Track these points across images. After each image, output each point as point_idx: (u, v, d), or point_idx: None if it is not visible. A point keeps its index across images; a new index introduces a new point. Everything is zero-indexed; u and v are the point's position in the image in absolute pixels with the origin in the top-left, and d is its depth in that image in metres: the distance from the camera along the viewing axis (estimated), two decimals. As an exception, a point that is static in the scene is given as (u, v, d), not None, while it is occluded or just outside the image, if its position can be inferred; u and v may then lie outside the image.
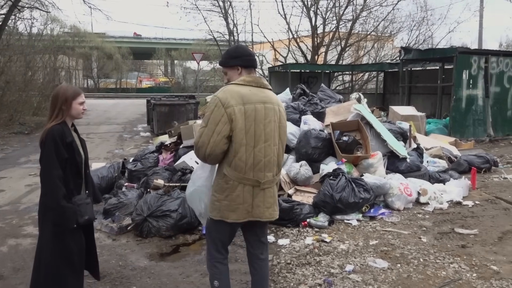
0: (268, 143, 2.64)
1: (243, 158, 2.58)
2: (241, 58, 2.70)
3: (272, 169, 2.69)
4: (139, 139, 13.03)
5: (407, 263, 3.84)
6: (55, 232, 2.74)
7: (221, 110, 2.52)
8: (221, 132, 2.52)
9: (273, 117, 2.67)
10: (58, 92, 2.82)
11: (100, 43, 42.51)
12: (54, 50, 22.73)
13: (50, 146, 2.68)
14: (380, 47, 24.43)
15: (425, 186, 5.72)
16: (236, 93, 2.56)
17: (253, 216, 2.66)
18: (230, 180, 2.61)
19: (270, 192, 2.72)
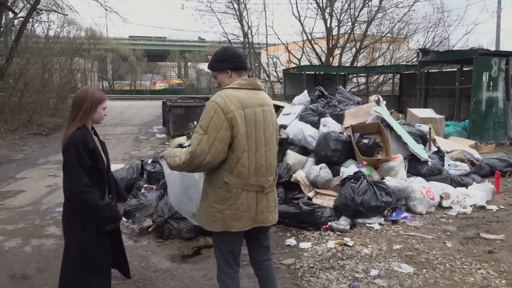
0: (268, 147, 2.61)
1: (246, 164, 2.50)
2: (230, 61, 2.59)
3: (272, 173, 2.67)
4: (155, 140, 13.11)
5: (433, 268, 3.77)
6: (81, 241, 2.67)
7: (221, 116, 2.41)
8: (223, 140, 2.42)
9: (270, 120, 2.63)
10: (86, 94, 2.75)
11: (115, 45, 42.96)
12: (71, 53, 23.01)
13: (72, 154, 2.60)
14: (395, 49, 24.21)
15: (448, 190, 5.63)
16: (234, 98, 2.47)
17: (257, 223, 2.60)
18: (233, 188, 2.51)
19: (272, 196, 2.69)
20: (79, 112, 2.71)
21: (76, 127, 2.67)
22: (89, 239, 2.68)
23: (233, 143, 2.47)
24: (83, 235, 2.66)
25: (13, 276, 3.82)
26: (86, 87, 3.01)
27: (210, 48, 37.34)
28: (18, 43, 15.72)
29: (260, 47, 26.01)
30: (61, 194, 6.94)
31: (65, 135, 2.69)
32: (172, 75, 62.07)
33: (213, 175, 2.55)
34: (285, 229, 4.89)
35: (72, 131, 2.64)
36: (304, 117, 6.58)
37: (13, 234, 4.94)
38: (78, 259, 2.70)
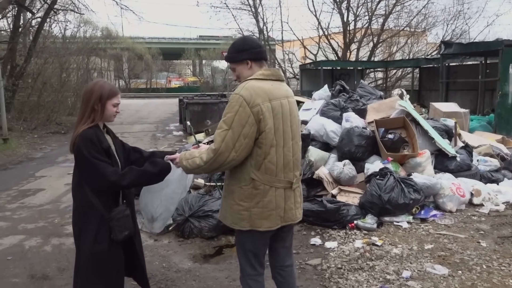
0: (295, 140, 2.46)
1: (274, 159, 2.35)
2: (249, 51, 2.42)
3: (299, 167, 2.53)
4: (172, 138, 13.05)
5: (469, 269, 3.57)
6: (93, 251, 2.45)
7: (247, 110, 2.25)
8: (249, 135, 2.26)
9: (295, 112, 2.49)
10: (93, 88, 2.47)
11: (131, 44, 43.16)
12: (87, 52, 23.15)
13: (88, 149, 2.36)
14: (413, 43, 23.71)
15: (478, 187, 5.38)
16: (260, 89, 2.31)
17: (286, 221, 2.45)
18: (261, 185, 2.35)
19: (299, 191, 2.55)
20: (86, 108, 2.46)
21: (87, 126, 2.44)
22: (101, 249, 2.45)
23: (259, 138, 2.31)
24: (95, 245, 2.44)
25: (34, 276, 3.75)
26: (96, 79, 2.71)
27: (225, 46, 37.20)
28: (36, 43, 15.83)
29: (275, 43, 25.79)
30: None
31: (73, 134, 2.46)
32: (187, 73, 62.24)
33: (238, 171, 2.39)
34: (309, 228, 4.72)
35: (83, 129, 2.42)
36: (325, 112, 6.39)
37: (34, 233, 4.89)
38: (88, 269, 2.48)
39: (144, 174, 2.50)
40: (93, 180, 2.40)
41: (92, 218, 2.44)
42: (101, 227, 2.45)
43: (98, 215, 2.44)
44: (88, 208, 2.44)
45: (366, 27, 21.09)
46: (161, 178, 2.59)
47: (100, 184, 2.40)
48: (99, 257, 2.46)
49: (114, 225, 2.45)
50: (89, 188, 2.42)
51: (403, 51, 23.27)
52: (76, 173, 2.50)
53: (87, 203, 2.43)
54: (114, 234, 2.46)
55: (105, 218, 2.44)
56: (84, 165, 2.40)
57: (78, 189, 2.49)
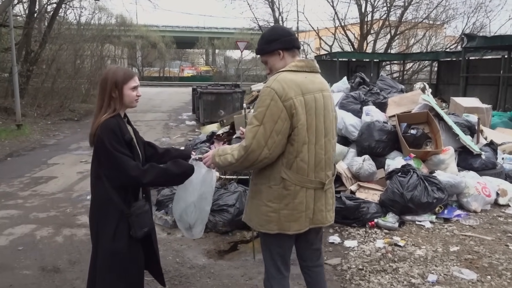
0: (328, 138, 2.28)
1: (305, 158, 2.19)
2: (280, 40, 2.26)
3: (331, 167, 2.36)
4: (185, 127, 12.94)
5: (498, 275, 3.38)
6: (112, 250, 2.33)
7: (279, 104, 2.10)
8: (282, 131, 2.12)
9: (330, 106, 2.30)
10: (107, 76, 2.33)
11: (144, 32, 43.08)
12: (101, 39, 23.09)
13: (111, 141, 2.22)
14: (431, 36, 23.22)
15: (504, 186, 5.16)
16: (293, 82, 2.15)
17: (315, 223, 2.30)
18: (292, 185, 2.19)
19: (331, 192, 2.38)
20: (104, 97, 2.32)
21: (109, 115, 2.29)
22: (120, 247, 2.33)
23: (292, 134, 2.15)
24: (114, 243, 2.32)
25: (44, 269, 3.65)
26: (109, 66, 2.54)
27: (239, 35, 36.92)
28: (51, 29, 15.78)
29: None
30: (93, 181, 6.79)
31: (93, 125, 2.32)
32: (200, 62, 62.03)
33: (268, 169, 2.22)
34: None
35: (105, 119, 2.27)
36: (344, 105, 6.18)
37: (45, 222, 4.81)
38: (107, 269, 2.37)
39: (166, 174, 2.37)
40: (113, 174, 2.27)
41: (111, 214, 2.32)
42: (120, 223, 2.32)
43: (117, 210, 2.31)
44: (107, 202, 2.31)
45: (384, 19, 20.67)
46: (182, 180, 2.48)
47: (120, 179, 2.27)
48: (118, 256, 2.34)
49: (134, 221, 2.33)
50: (109, 181, 2.29)
51: (420, 44, 22.82)
52: (95, 165, 2.36)
53: (106, 197, 2.30)
54: (134, 231, 2.34)
55: (124, 214, 2.32)
56: (105, 157, 2.26)
57: (97, 182, 2.36)
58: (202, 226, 2.80)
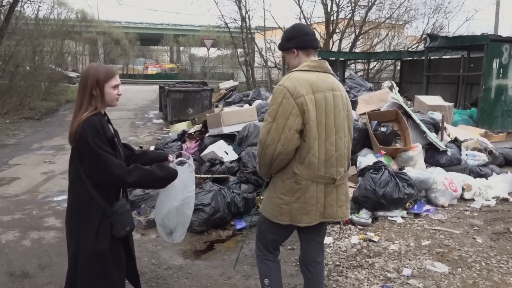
0: (339, 135, 2.37)
1: (316, 153, 2.29)
2: (296, 39, 2.38)
3: (343, 164, 2.43)
4: (152, 126, 12.70)
5: (468, 267, 3.51)
6: (94, 249, 2.28)
7: (291, 101, 2.22)
8: (293, 126, 2.23)
9: (341, 106, 2.39)
10: (88, 74, 2.29)
11: (107, 28, 41.99)
12: (62, 35, 22.31)
13: (93, 139, 2.17)
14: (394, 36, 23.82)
15: (469, 181, 5.37)
16: (305, 81, 2.27)
17: (325, 217, 2.39)
18: (303, 180, 2.30)
19: (343, 189, 2.45)
20: (84, 95, 2.28)
21: (90, 113, 2.24)
22: (103, 246, 2.30)
23: (304, 130, 2.26)
24: (96, 243, 2.28)
25: (13, 274, 3.49)
26: (91, 64, 2.53)
27: (205, 33, 36.59)
28: (8, 24, 15.05)
29: (256, 31, 25.48)
30: (58, 182, 6.59)
31: (73, 123, 2.25)
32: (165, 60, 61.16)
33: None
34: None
35: (86, 116, 2.22)
36: (316, 103, 6.24)
37: (10, 226, 4.59)
38: (89, 269, 2.31)
39: (150, 175, 2.36)
40: (96, 172, 2.23)
41: (93, 213, 2.27)
42: (102, 223, 2.28)
43: (99, 210, 2.27)
44: (88, 202, 2.26)
45: (348, 18, 21.02)
46: (165, 184, 2.49)
47: (104, 177, 2.23)
48: (100, 255, 2.29)
49: (116, 221, 2.30)
50: (90, 181, 2.24)
51: (384, 43, 23.36)
52: (75, 165, 2.29)
53: (88, 197, 2.25)
54: (116, 230, 2.31)
55: (106, 213, 2.28)
56: (88, 155, 2.21)
57: (77, 182, 2.29)
58: (183, 230, 2.80)
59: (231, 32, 23.01)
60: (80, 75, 2.36)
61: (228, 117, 5.99)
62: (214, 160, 5.26)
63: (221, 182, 4.97)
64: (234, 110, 6.93)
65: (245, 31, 21.71)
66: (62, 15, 25.85)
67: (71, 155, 2.33)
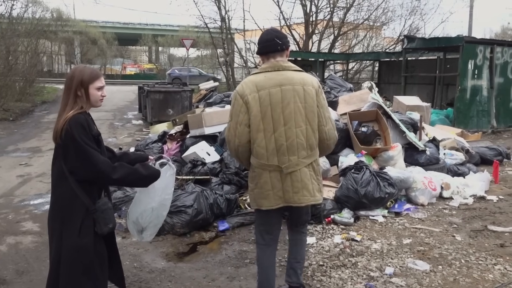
0: (288, 126, 2.55)
1: (262, 144, 2.55)
2: (259, 46, 2.66)
3: (296, 152, 2.57)
4: (132, 127, 12.54)
5: (448, 264, 3.57)
6: (77, 244, 2.32)
7: (239, 101, 2.56)
8: (242, 122, 2.55)
9: (293, 98, 2.55)
10: (74, 74, 2.38)
11: (83, 27, 41.26)
12: (36, 34, 21.77)
13: (80, 135, 2.24)
14: (372, 37, 24.15)
15: (447, 180, 5.48)
16: (251, 82, 2.58)
17: (286, 202, 2.62)
18: (256, 168, 2.62)
19: (296, 176, 2.58)
20: (69, 95, 2.35)
21: (76, 111, 2.30)
22: (86, 242, 2.34)
23: (249, 123, 2.55)
24: (80, 238, 2.32)
25: (-11, 281, 3.38)
26: (76, 65, 2.65)
27: (184, 33, 36.39)
28: (-20, 22, 14.66)
29: (236, 31, 25.43)
30: (35, 185, 6.43)
31: (58, 121, 2.32)
32: (143, 60, 60.50)
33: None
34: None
35: (73, 114, 2.28)
36: (297, 104, 6.27)
37: (-15, 231, 4.45)
38: (72, 264, 2.35)
39: (134, 174, 2.42)
40: (81, 168, 2.28)
41: (76, 210, 2.33)
42: (85, 220, 2.34)
43: (82, 207, 2.33)
44: (72, 200, 2.32)
45: (327, 19, 21.20)
46: (149, 183, 2.56)
47: (89, 173, 2.30)
48: (84, 251, 2.34)
49: (99, 217, 2.36)
50: (74, 177, 2.30)
51: (362, 44, 23.66)
52: (58, 163, 2.33)
53: (71, 195, 2.31)
54: (99, 227, 2.36)
55: (90, 210, 2.34)
56: (74, 151, 2.27)
57: (60, 181, 2.34)
58: (154, 230, 2.85)
59: (211, 32, 22.89)
60: (66, 76, 2.45)
61: (210, 118, 5.95)
62: (196, 161, 5.21)
63: (203, 183, 4.93)
64: (216, 110, 6.90)
65: (225, 32, 21.62)
66: (37, 14, 25.24)
67: (55, 154, 2.37)
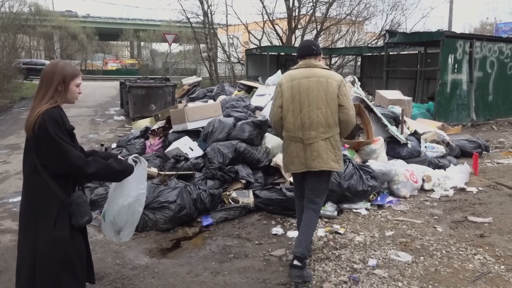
0: (311, 108, 3.25)
1: (291, 121, 3.31)
2: (298, 50, 3.52)
3: (315, 128, 3.25)
4: (113, 123, 12.36)
5: (430, 255, 3.62)
6: (53, 237, 2.31)
7: (278, 89, 3.40)
8: (277, 104, 3.39)
9: (317, 87, 3.26)
10: (55, 69, 2.38)
11: (63, 22, 40.44)
12: (14, 29, 21.28)
13: (53, 129, 2.23)
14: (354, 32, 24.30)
15: (428, 173, 5.55)
16: (288, 75, 3.41)
17: (306, 167, 3.28)
18: (286, 140, 3.39)
19: (314, 147, 3.25)
20: (48, 89, 2.35)
21: (50, 105, 2.30)
22: (62, 235, 2.34)
23: (282, 106, 3.34)
24: (56, 231, 2.32)
25: (-34, 281, 3.29)
26: (56, 60, 2.60)
27: (166, 28, 35.96)
28: (-46, 16, 14.23)
29: (219, 26, 25.26)
30: (14, 182, 6.29)
31: (32, 114, 2.30)
32: (125, 55, 59.70)
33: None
34: (268, 217, 4.61)
35: (46, 108, 2.28)
36: (280, 98, 6.28)
37: (-39, 230, 4.33)
38: (48, 257, 2.32)
39: (108, 168, 2.45)
40: (56, 162, 2.28)
41: (51, 204, 2.32)
42: (60, 213, 2.33)
43: (57, 200, 2.32)
44: (45, 194, 2.31)
45: (310, 14, 21.22)
46: (122, 177, 2.60)
47: (63, 167, 2.30)
48: (61, 244, 2.33)
49: (75, 210, 2.36)
50: (48, 172, 2.29)
51: (344, 39, 23.78)
52: (30, 157, 2.32)
53: (45, 189, 2.30)
54: (75, 220, 2.37)
55: (64, 203, 2.33)
56: (48, 145, 2.26)
57: (33, 175, 2.33)
58: (131, 229, 2.83)
59: (193, 27, 22.70)
60: (45, 70, 2.43)
61: (193, 113, 5.90)
62: (179, 156, 5.17)
63: (187, 178, 4.89)
64: (199, 105, 6.85)
65: (208, 26, 21.46)
66: (14, 8, 24.65)
67: (26, 147, 2.35)
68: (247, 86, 8.52)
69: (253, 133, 5.42)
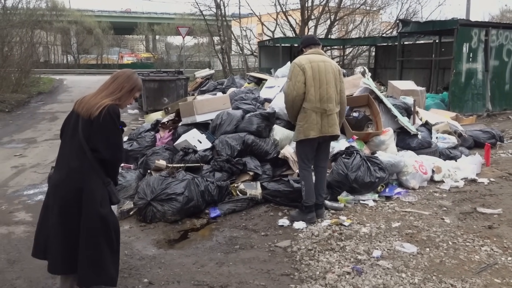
0: (328, 85, 4.03)
1: (313, 94, 3.98)
2: (304, 41, 4.32)
3: (332, 102, 4.07)
4: (127, 116, 12.52)
5: (436, 247, 3.60)
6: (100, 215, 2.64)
7: (297, 68, 4.02)
8: (300, 80, 3.98)
9: (330, 69, 4.08)
10: (131, 78, 2.78)
11: (79, 17, 40.90)
12: (31, 25, 21.57)
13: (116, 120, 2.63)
14: (368, 22, 23.97)
15: (439, 164, 5.49)
16: (306, 58, 4.09)
17: (323, 133, 4.02)
18: (307, 110, 3.99)
19: (332, 116, 4.07)
20: (118, 89, 2.73)
21: (114, 102, 2.67)
22: (107, 212, 2.69)
23: (305, 82, 3.97)
24: (102, 208, 2.66)
25: (-20, 271, 3.41)
26: (133, 70, 2.93)
27: (180, 21, 36.09)
28: (-27, 13, 14.51)
29: (232, 18, 25.21)
30: (29, 175, 6.42)
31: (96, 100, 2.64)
32: (140, 49, 60.04)
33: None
34: (275, 209, 4.64)
35: (111, 103, 2.64)
36: (289, 90, 6.28)
37: (-22, 221, 4.48)
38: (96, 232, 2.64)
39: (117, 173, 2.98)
40: (110, 149, 2.63)
41: (96, 183, 2.65)
42: (103, 191, 2.68)
43: (100, 179, 2.66)
44: (91, 173, 2.63)
45: (323, 5, 21.00)
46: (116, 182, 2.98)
47: (113, 155, 2.67)
48: (105, 221, 2.66)
49: (112, 189, 2.73)
50: (95, 155, 2.61)
51: (359, 29, 23.49)
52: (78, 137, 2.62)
53: (90, 168, 2.62)
54: (115, 197, 2.74)
55: (105, 182, 2.68)
56: (109, 133, 2.62)
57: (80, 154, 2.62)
58: None
59: (206, 19, 22.70)
60: (122, 72, 2.83)
61: (201, 106, 5.94)
62: (188, 149, 5.22)
63: (195, 171, 4.94)
64: (207, 98, 6.88)
65: (221, 19, 21.43)
66: (31, 4, 25.00)
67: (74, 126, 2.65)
68: (257, 78, 8.51)
69: (261, 125, 5.43)
